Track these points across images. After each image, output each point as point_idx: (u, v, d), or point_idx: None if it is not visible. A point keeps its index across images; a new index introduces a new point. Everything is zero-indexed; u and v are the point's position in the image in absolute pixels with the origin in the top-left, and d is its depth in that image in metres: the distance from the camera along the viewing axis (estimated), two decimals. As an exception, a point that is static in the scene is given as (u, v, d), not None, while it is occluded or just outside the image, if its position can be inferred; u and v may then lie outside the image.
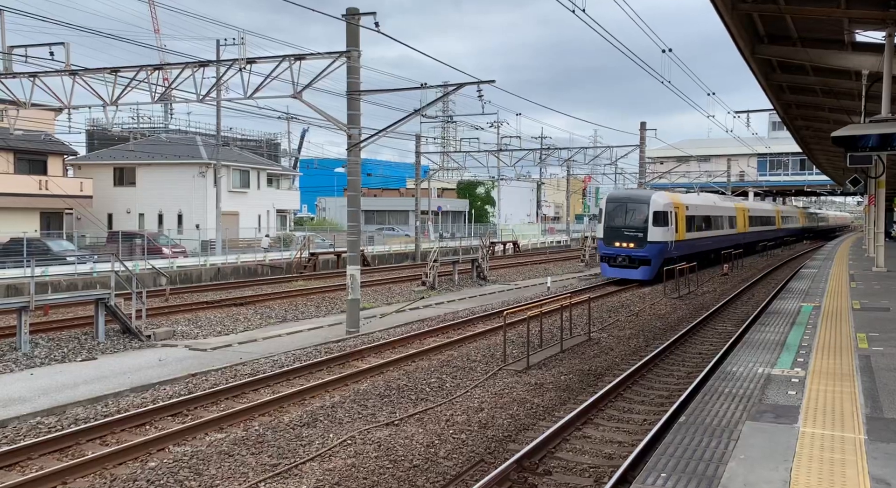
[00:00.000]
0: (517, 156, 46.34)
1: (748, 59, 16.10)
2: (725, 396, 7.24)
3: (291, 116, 32.18)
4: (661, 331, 17.54)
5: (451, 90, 19.63)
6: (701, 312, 20.35)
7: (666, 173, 52.33)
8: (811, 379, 7.81)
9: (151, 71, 17.80)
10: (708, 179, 61.85)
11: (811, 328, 11.25)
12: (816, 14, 12.92)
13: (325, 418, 9.94)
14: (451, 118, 64.85)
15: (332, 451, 8.59)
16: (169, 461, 8.29)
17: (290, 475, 7.88)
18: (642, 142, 41.28)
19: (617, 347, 15.32)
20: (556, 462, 8.34)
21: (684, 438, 5.98)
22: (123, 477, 7.79)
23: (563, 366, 13.35)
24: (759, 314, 19.14)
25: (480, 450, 8.72)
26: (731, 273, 32.87)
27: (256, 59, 17.01)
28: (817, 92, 20.84)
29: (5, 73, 17.97)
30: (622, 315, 19.74)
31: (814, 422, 6.28)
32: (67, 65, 17.65)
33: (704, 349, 15.14)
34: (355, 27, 16.68)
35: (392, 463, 8.25)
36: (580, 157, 47.67)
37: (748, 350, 9.62)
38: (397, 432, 9.33)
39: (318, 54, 16.81)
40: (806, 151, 37.66)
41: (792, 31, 15.02)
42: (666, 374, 12.87)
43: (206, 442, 9.00)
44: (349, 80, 16.98)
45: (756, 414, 6.56)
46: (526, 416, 10.16)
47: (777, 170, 72.53)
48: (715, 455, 5.53)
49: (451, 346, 15.06)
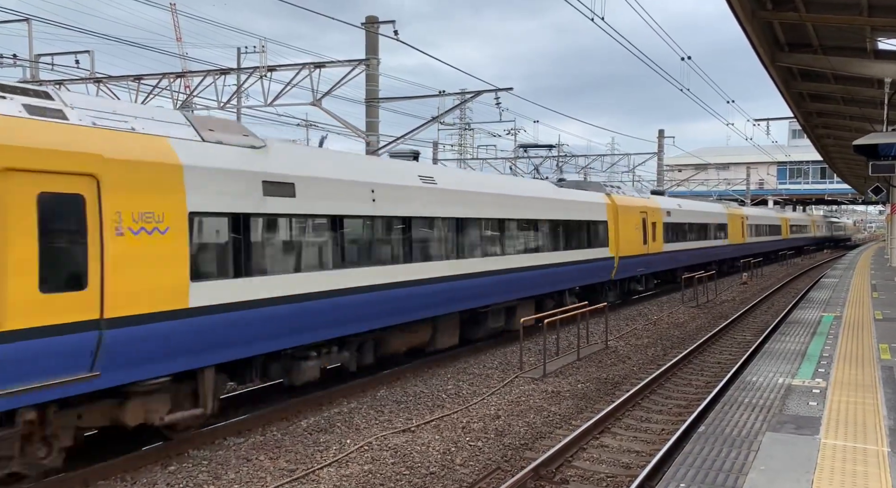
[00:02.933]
0: (534, 163, 46.27)
1: (768, 67, 16.02)
2: (745, 406, 7.19)
3: (310, 124, 32.41)
4: (680, 339, 17.41)
5: (468, 98, 19.70)
6: (720, 321, 20.18)
7: (684, 181, 52.00)
8: (832, 390, 7.73)
9: (173, 78, 18.05)
10: (727, 187, 61.42)
11: (832, 338, 11.13)
12: (838, 22, 12.84)
13: (341, 424, 9.98)
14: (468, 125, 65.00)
15: (348, 457, 8.62)
16: (188, 464, 8.36)
17: (308, 480, 7.91)
18: (660, 150, 41.08)
19: (634, 356, 15.23)
20: (573, 471, 8.30)
21: (703, 448, 5.94)
22: (144, 480, 7.88)
23: (579, 374, 13.30)
24: (778, 323, 18.95)
25: (497, 458, 8.71)
26: (750, 282, 32.56)
27: (277, 66, 17.20)
28: (839, 100, 20.66)
29: (32, 81, 18.30)
30: (639, 323, 19.62)
31: (835, 434, 6.21)
32: (92, 72, 17.95)
33: (723, 358, 15.01)
34: (374, 35, 16.82)
35: (408, 469, 8.26)
36: (597, 165, 47.66)
37: (768, 360, 9.53)
38: (414, 438, 9.34)
39: (338, 62, 16.96)
40: (826, 160, 37.29)
41: (813, 39, 14.92)
42: (684, 383, 12.77)
43: (224, 445, 9.07)
44: (368, 87, 17.11)
45: (776, 425, 6.50)
46: (542, 424, 10.13)
47: (797, 178, 71.84)
48: (735, 465, 5.49)
49: (467, 353, 15.05)
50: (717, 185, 61.98)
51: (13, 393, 6.43)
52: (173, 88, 17.94)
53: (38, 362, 6.56)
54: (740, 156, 68.27)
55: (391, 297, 11.27)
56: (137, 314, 7.36)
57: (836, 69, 15.71)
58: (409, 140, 19.77)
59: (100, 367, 7.10)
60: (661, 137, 41.00)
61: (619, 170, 50.72)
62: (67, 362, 6.79)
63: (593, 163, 47.41)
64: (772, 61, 15.75)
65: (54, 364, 6.68)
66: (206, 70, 17.76)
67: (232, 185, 8.66)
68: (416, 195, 12.07)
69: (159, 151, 7.87)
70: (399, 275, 11.47)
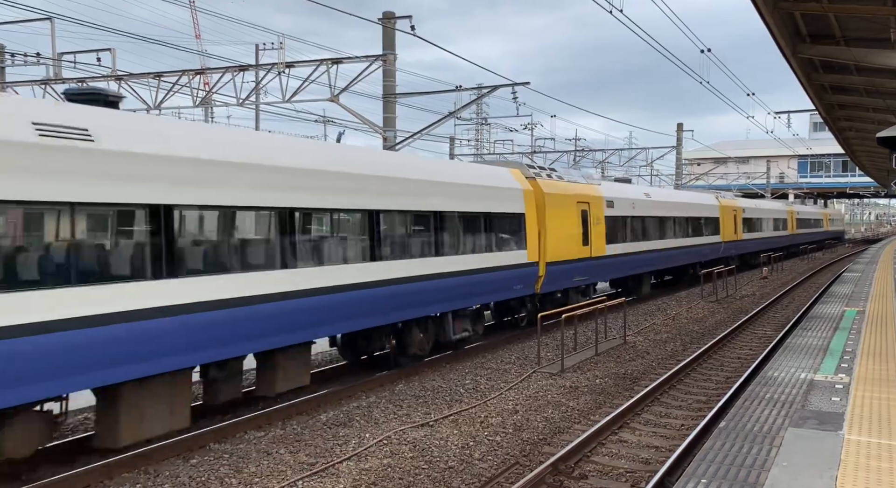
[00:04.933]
0: (551, 159, 46.14)
1: (789, 58, 15.80)
2: (767, 402, 7.13)
3: (328, 119, 32.50)
4: (699, 335, 17.29)
5: (485, 93, 19.66)
6: (740, 316, 20.01)
7: (703, 175, 51.56)
8: (856, 386, 7.64)
9: (193, 75, 18.19)
10: (746, 181, 60.80)
11: (855, 333, 10.99)
12: (861, 12, 12.63)
13: (360, 418, 10.04)
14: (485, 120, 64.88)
15: (367, 451, 8.67)
16: (210, 458, 8.46)
17: (327, 474, 7.97)
18: (679, 144, 40.76)
19: (653, 351, 15.15)
20: (592, 466, 8.29)
21: (724, 444, 5.90)
22: (166, 472, 7.98)
23: (598, 369, 13.26)
24: (800, 318, 18.75)
25: (515, 453, 8.72)
26: (770, 276, 32.24)
27: (295, 63, 17.27)
28: (861, 92, 20.34)
29: (55, 79, 18.54)
30: (658, 318, 19.50)
31: (859, 430, 6.15)
32: (114, 70, 18.15)
33: (744, 353, 14.89)
34: (391, 31, 16.83)
35: (427, 463, 8.30)
36: (615, 159, 47.38)
37: (789, 355, 9.44)
38: (432, 433, 9.37)
39: (355, 58, 17.00)
40: (849, 153, 36.75)
41: (835, 30, 14.70)
42: (704, 379, 12.69)
43: (245, 439, 9.16)
44: (385, 83, 17.14)
45: (799, 421, 6.45)
46: (561, 419, 10.12)
47: (818, 171, 70.94)
48: (757, 461, 5.45)
49: (485, 348, 15.06)
50: (737, 179, 61.35)
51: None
52: (193, 85, 18.08)
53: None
54: (760, 150, 67.53)
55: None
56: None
57: (859, 61, 15.46)
58: (425, 135, 19.77)
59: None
60: (679, 130, 40.67)
61: (636, 165, 50.40)
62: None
63: (611, 157, 47.18)
64: (793, 53, 15.54)
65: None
66: (225, 67, 17.88)
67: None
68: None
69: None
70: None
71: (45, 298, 6.78)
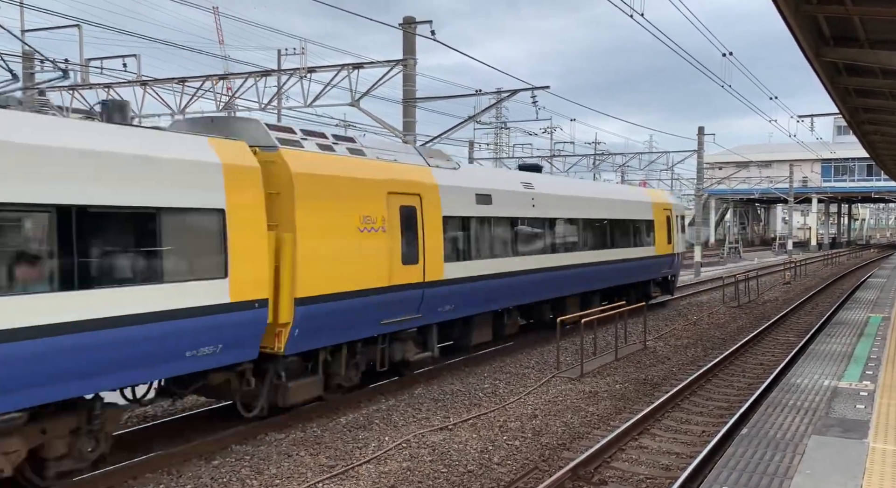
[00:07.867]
0: (570, 162, 46.00)
1: (812, 61, 15.62)
2: (789, 408, 7.06)
3: (349, 124, 32.68)
4: (720, 340, 17.14)
5: (505, 97, 19.67)
6: (762, 322, 19.80)
7: (725, 179, 51.08)
8: (881, 393, 7.53)
9: (216, 81, 18.41)
10: (769, 185, 60.16)
11: (880, 339, 10.84)
12: (886, 15, 12.48)
13: (380, 421, 10.08)
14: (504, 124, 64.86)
15: (387, 454, 8.71)
16: (231, 459, 8.54)
17: (347, 476, 8.02)
18: (700, 148, 40.42)
19: (674, 356, 15.04)
20: (612, 471, 8.25)
21: (747, 451, 5.86)
22: (189, 473, 8.08)
23: (617, 374, 13.19)
24: (823, 324, 18.51)
25: (534, 458, 8.71)
26: (793, 282, 31.87)
27: (316, 68, 17.42)
28: (887, 95, 20.06)
29: (83, 85, 18.87)
30: (679, 324, 19.36)
31: (885, 438, 6.07)
32: (139, 76, 18.43)
33: (766, 359, 14.73)
34: (412, 35, 16.91)
35: (446, 467, 8.32)
36: (635, 163, 47.07)
37: (813, 361, 9.34)
38: (451, 437, 9.39)
39: (376, 63, 17.10)
40: (874, 156, 36.20)
41: (860, 33, 14.51)
42: (725, 385, 12.57)
43: (265, 441, 9.24)
44: (405, 87, 17.21)
45: (822, 428, 6.38)
46: (580, 424, 10.09)
47: (842, 175, 70.01)
48: (780, 469, 5.41)
49: (504, 352, 15.05)
50: (760, 183, 60.71)
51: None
52: (216, 90, 18.31)
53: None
54: (783, 154, 66.79)
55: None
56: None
57: (884, 64, 15.24)
58: (445, 139, 19.83)
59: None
60: (700, 134, 40.34)
61: (657, 169, 50.07)
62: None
63: (631, 161, 46.93)
64: (816, 56, 15.35)
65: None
66: (247, 72, 18.08)
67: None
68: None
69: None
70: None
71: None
